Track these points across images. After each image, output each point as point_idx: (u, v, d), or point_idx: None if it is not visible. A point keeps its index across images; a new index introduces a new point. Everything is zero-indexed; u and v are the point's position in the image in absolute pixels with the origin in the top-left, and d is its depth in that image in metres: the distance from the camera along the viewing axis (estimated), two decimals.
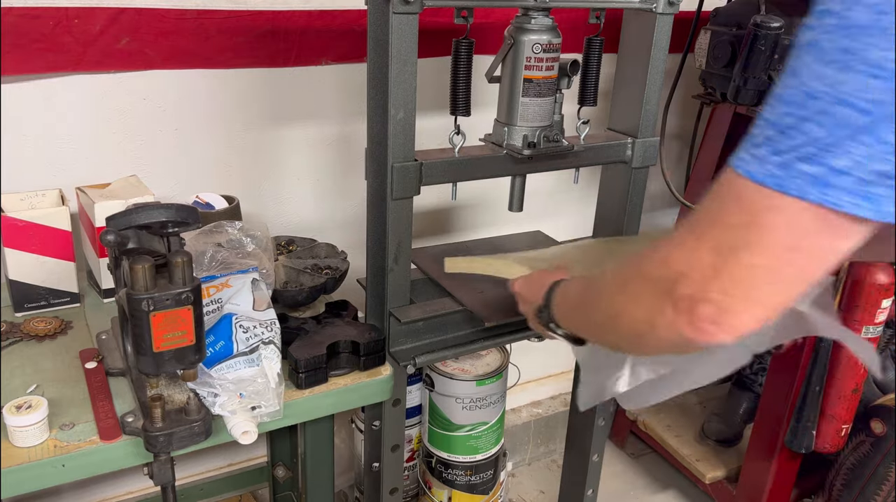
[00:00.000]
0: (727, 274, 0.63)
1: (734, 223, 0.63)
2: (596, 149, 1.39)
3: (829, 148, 0.56)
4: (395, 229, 1.20)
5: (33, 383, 1.08)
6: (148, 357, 0.91)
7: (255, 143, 1.59)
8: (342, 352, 1.19)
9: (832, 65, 0.55)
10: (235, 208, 1.40)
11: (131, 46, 1.39)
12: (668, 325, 0.69)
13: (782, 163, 0.58)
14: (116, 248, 0.97)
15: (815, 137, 0.56)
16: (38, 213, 1.24)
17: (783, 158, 0.58)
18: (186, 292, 0.89)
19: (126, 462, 1.00)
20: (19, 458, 0.94)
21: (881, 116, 0.54)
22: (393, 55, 1.09)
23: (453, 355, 1.37)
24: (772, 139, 0.59)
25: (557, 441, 2.36)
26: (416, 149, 1.17)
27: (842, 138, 0.55)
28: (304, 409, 1.13)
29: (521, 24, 1.22)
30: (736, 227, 0.62)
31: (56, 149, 1.41)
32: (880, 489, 1.81)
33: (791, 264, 0.62)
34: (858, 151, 0.55)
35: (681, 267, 0.67)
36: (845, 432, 1.82)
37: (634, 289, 0.74)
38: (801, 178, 0.57)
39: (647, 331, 0.73)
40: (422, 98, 1.15)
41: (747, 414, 2.17)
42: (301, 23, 1.51)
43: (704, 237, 0.65)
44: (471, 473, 1.65)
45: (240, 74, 1.52)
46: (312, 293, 1.30)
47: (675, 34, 1.34)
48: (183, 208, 1.01)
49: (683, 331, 0.68)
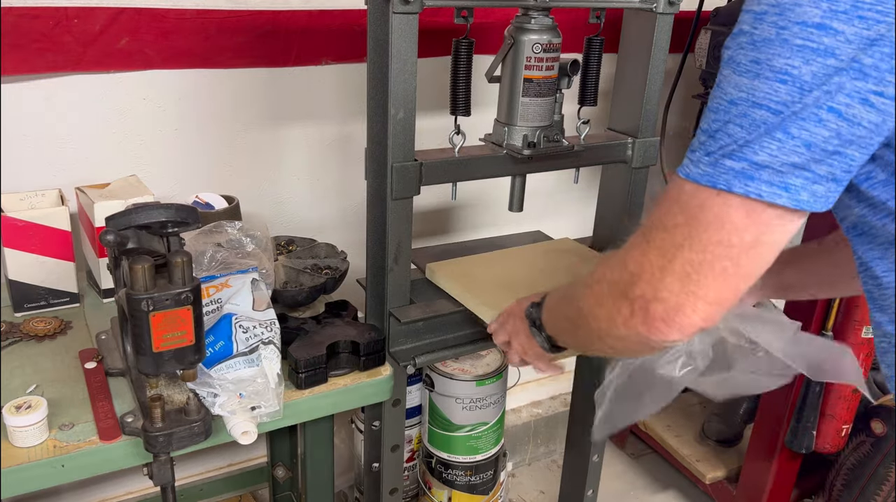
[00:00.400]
0: (672, 273, 0.70)
1: (674, 224, 0.70)
2: (596, 149, 1.38)
3: (749, 144, 0.64)
4: (395, 229, 1.20)
5: (33, 383, 1.08)
6: (147, 357, 0.90)
7: (254, 143, 1.59)
8: (342, 352, 1.19)
9: (746, 74, 0.64)
10: (235, 208, 1.40)
11: (131, 46, 1.38)
12: (625, 324, 0.76)
13: (711, 162, 0.67)
14: (116, 248, 0.97)
15: (737, 137, 0.65)
16: (37, 213, 1.24)
17: (712, 158, 0.67)
18: (186, 292, 0.89)
19: (126, 462, 1.00)
20: (19, 458, 0.94)
21: (789, 115, 0.62)
22: (393, 55, 1.08)
23: (453, 355, 1.37)
24: (704, 143, 0.68)
25: (557, 441, 2.36)
26: (416, 149, 1.17)
27: (758, 136, 0.64)
28: (303, 409, 1.13)
29: (521, 23, 1.22)
30: (676, 228, 0.70)
31: (56, 149, 1.41)
32: (880, 489, 1.81)
33: (727, 258, 0.68)
34: (773, 146, 0.63)
35: (634, 268, 0.74)
36: (845, 432, 1.82)
37: (598, 291, 0.81)
38: (728, 174, 0.65)
39: (610, 329, 0.79)
40: (422, 98, 1.15)
41: (747, 414, 2.17)
42: (301, 22, 1.51)
43: (652, 240, 0.72)
44: (471, 473, 1.65)
45: (240, 74, 1.52)
46: (312, 293, 1.30)
47: (676, 34, 1.33)
48: (183, 208, 1.00)
49: (639, 330, 0.74)
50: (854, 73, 0.60)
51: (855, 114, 0.61)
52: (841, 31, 0.60)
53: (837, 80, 0.60)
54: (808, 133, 0.62)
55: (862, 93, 0.60)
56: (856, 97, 0.61)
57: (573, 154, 1.34)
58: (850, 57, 0.60)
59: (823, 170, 0.63)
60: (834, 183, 0.65)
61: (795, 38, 0.61)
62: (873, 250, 0.73)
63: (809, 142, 0.62)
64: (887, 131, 0.63)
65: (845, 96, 0.61)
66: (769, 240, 0.67)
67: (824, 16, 0.60)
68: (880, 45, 0.59)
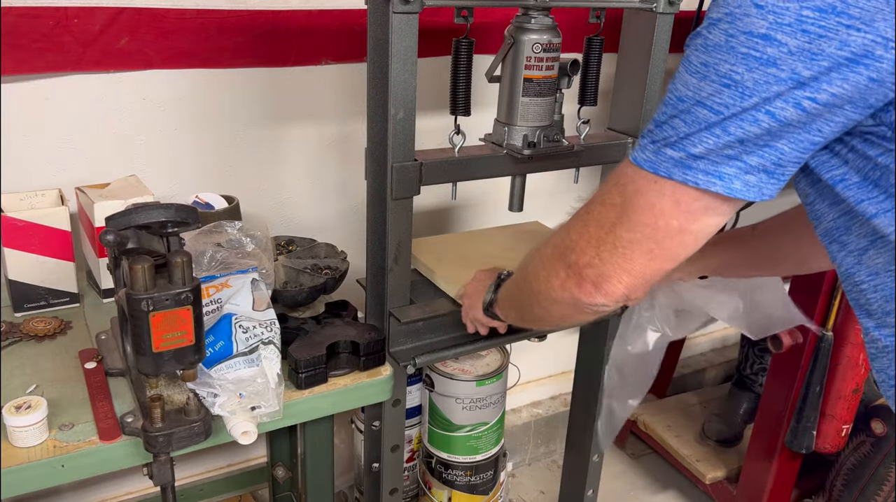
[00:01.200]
0: (606, 245, 0.78)
1: (614, 202, 0.77)
2: (596, 149, 1.38)
3: (689, 137, 0.70)
4: (395, 229, 1.20)
5: (33, 383, 1.08)
6: (147, 357, 0.90)
7: (255, 143, 1.59)
8: (342, 352, 1.19)
9: (695, 75, 0.69)
10: (235, 208, 1.40)
11: (131, 46, 1.38)
12: (561, 286, 0.84)
13: (655, 150, 0.72)
14: (116, 248, 0.96)
15: (679, 130, 0.70)
16: (37, 213, 1.24)
17: (655, 146, 0.72)
18: (186, 292, 0.89)
19: (126, 462, 1.00)
20: (19, 458, 0.94)
21: (728, 116, 0.67)
22: (393, 55, 1.08)
23: (453, 355, 1.37)
24: (651, 132, 0.74)
25: (557, 441, 2.36)
26: (416, 149, 1.17)
27: (697, 130, 0.69)
28: (303, 409, 1.13)
29: (522, 23, 1.22)
30: (614, 206, 0.77)
31: (56, 149, 1.41)
32: (881, 489, 1.81)
33: (653, 240, 0.75)
34: (710, 140, 0.69)
35: (574, 236, 0.82)
36: (845, 432, 1.82)
37: (543, 254, 0.89)
38: (668, 162, 0.71)
39: (547, 291, 0.87)
40: (422, 98, 1.15)
41: (747, 414, 2.17)
42: (301, 22, 1.51)
43: (592, 213, 0.80)
44: (471, 473, 1.65)
45: (240, 74, 1.52)
46: (312, 293, 1.30)
47: (676, 34, 1.33)
48: (182, 208, 1.00)
49: (573, 291, 0.82)
50: (792, 82, 0.64)
51: (787, 115, 0.65)
52: (784, 42, 0.63)
53: (776, 88, 0.64)
54: (743, 131, 0.67)
55: (797, 98, 0.64)
56: (790, 102, 0.65)
57: (573, 154, 1.34)
58: (790, 68, 0.63)
59: (755, 162, 0.68)
60: (765, 174, 0.69)
61: (741, 47, 0.65)
62: (848, 257, 0.76)
63: (742, 138, 0.67)
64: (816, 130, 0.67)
65: (782, 101, 0.65)
66: (694, 229, 0.74)
67: (770, 27, 0.63)
68: (819, 59, 0.62)
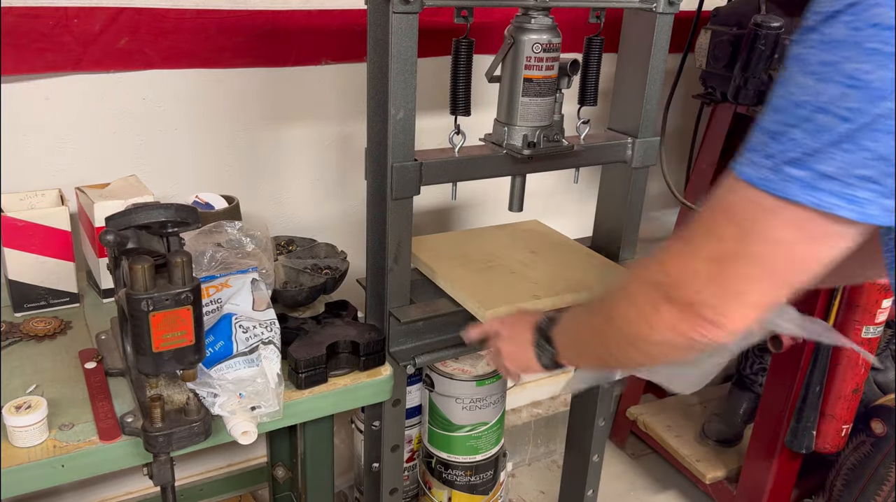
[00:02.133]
0: (721, 281, 0.70)
1: (724, 235, 0.69)
2: (596, 149, 1.38)
3: (815, 153, 0.60)
4: (395, 229, 1.20)
5: (33, 383, 1.08)
6: (147, 357, 0.90)
7: (254, 143, 1.59)
8: (342, 352, 1.19)
9: (812, 76, 0.60)
10: (235, 208, 1.40)
11: (131, 46, 1.38)
12: (670, 328, 0.75)
13: (773, 167, 0.63)
14: (116, 248, 0.96)
15: (801, 143, 0.61)
16: (37, 213, 1.24)
17: (773, 162, 0.63)
18: (186, 292, 0.89)
19: (126, 462, 1.00)
20: (19, 458, 0.94)
21: (860, 124, 0.58)
22: (393, 55, 1.08)
23: (453, 355, 1.37)
24: (765, 144, 0.64)
25: (557, 441, 2.36)
26: (416, 149, 1.17)
27: (826, 144, 0.60)
28: (303, 409, 1.13)
29: (521, 23, 1.22)
30: (726, 240, 0.69)
31: (56, 149, 1.41)
32: (881, 489, 1.81)
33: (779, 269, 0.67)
34: (842, 157, 0.59)
35: (678, 274, 0.73)
36: (845, 432, 1.82)
37: (632, 291, 0.80)
38: (790, 182, 0.62)
39: (648, 334, 0.78)
40: (422, 98, 1.15)
41: (747, 414, 2.17)
42: (301, 22, 1.51)
43: (701, 249, 0.71)
44: (471, 473, 1.65)
45: (240, 74, 1.52)
46: (312, 293, 1.30)
47: (675, 34, 1.33)
48: (182, 208, 1.00)
49: (687, 333, 0.73)
50: None
51: None
52: None
53: None
54: (880, 144, 0.58)
55: None
56: None
57: (573, 154, 1.34)
58: None
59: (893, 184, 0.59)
60: None
61: (868, 41, 0.57)
62: None
63: (881, 154, 0.58)
64: None
65: None
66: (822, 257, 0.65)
67: None
68: None
